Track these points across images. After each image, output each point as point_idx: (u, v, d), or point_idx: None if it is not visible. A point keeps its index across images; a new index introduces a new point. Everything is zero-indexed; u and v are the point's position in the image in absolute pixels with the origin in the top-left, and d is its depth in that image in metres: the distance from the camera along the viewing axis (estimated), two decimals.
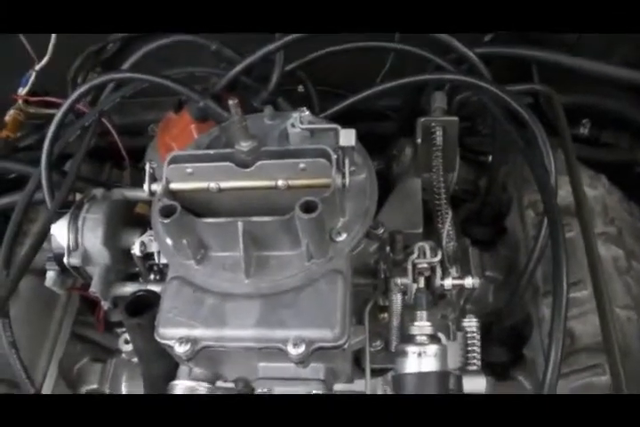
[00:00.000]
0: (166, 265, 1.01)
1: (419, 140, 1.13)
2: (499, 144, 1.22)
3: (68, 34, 1.41)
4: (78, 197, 1.19)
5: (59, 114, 1.16)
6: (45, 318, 1.19)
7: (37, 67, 1.46)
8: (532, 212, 1.17)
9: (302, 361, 0.78)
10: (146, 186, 0.87)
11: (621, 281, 1.06)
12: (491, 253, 1.21)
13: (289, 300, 0.81)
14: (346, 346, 0.79)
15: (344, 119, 1.02)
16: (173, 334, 0.82)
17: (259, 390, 0.85)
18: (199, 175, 0.84)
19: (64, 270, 1.03)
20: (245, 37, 1.28)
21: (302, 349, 0.77)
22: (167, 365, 0.91)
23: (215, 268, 0.85)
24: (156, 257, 0.99)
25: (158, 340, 0.83)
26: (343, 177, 0.82)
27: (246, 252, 0.82)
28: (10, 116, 1.59)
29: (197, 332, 0.81)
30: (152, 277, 1.03)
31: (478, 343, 0.91)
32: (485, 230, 1.25)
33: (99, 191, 1.06)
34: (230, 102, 0.79)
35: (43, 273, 1.17)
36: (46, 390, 1.14)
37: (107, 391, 1.19)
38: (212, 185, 0.84)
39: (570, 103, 1.27)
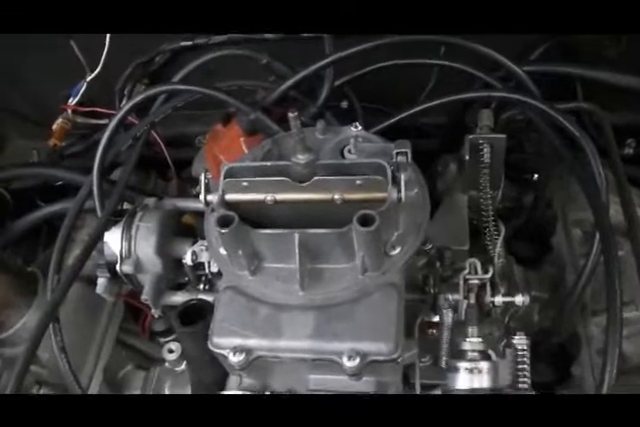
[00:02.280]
0: (215, 275, 1.03)
1: (467, 157, 1.13)
2: (545, 162, 1.23)
3: (118, 45, 1.45)
4: (126, 206, 1.22)
5: (112, 123, 1.18)
6: (92, 324, 1.22)
7: (89, 78, 1.49)
8: (578, 230, 1.16)
9: (356, 374, 0.79)
10: (201, 196, 0.88)
11: None
12: (536, 271, 1.20)
13: (344, 312, 0.82)
14: (400, 360, 0.79)
15: (388, 135, 1.03)
16: (228, 343, 0.83)
17: None
18: (255, 188, 0.86)
19: (114, 278, 1.05)
20: (295, 51, 1.31)
21: (357, 361, 0.77)
22: (217, 374, 0.92)
23: (269, 279, 0.86)
24: (206, 267, 1.00)
25: (212, 349, 0.83)
26: (399, 191, 0.83)
27: (302, 263, 0.83)
28: (57, 125, 1.63)
29: (252, 342, 0.82)
30: (201, 286, 1.04)
31: (528, 361, 0.91)
32: (530, 248, 1.25)
33: (151, 201, 1.08)
34: (290, 115, 0.81)
35: (90, 280, 1.20)
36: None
37: None
38: (268, 198, 0.85)
39: (613, 122, 1.27)
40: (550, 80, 1.26)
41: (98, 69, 1.47)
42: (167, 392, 1.21)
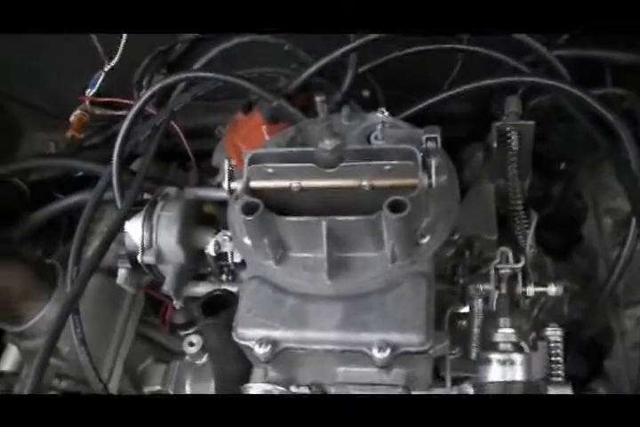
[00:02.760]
0: (238, 265, 1.01)
1: (494, 145, 1.10)
2: (573, 151, 1.20)
3: (136, 35, 1.43)
4: (146, 196, 1.20)
5: (131, 113, 1.16)
6: (111, 316, 1.20)
7: (106, 68, 1.48)
8: (609, 219, 1.14)
9: (387, 366, 0.76)
10: (225, 184, 0.86)
11: None
12: (565, 261, 1.17)
13: (372, 302, 0.80)
14: (431, 351, 0.77)
15: (412, 123, 1.00)
16: (253, 334, 0.80)
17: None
18: (280, 175, 0.83)
19: (135, 268, 1.03)
20: (317, 38, 1.29)
21: (387, 353, 0.75)
22: (241, 366, 0.90)
23: (295, 268, 0.84)
24: (229, 257, 0.98)
25: (236, 340, 0.81)
26: (429, 177, 0.80)
27: (329, 252, 0.80)
28: (75, 116, 1.62)
29: (278, 333, 0.80)
30: (224, 277, 1.02)
31: (562, 353, 0.88)
32: (559, 238, 1.21)
33: (172, 190, 1.06)
34: (317, 99, 0.78)
35: (110, 272, 1.19)
36: (112, 387, 1.14)
37: (170, 392, 1.19)
38: (294, 184, 0.83)
39: None
40: (577, 65, 1.24)
41: (115, 59, 1.46)
42: (188, 386, 1.19)
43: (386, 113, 0.95)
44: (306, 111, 1.11)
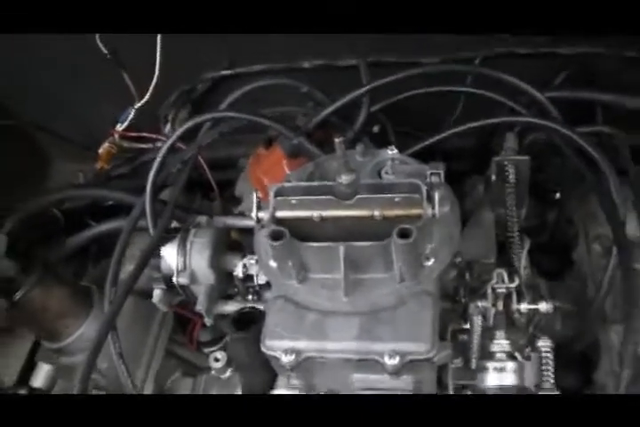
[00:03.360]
0: (262, 286, 1.12)
1: (493, 177, 1.21)
2: (566, 182, 1.31)
3: (164, 75, 1.56)
4: (174, 224, 1.32)
5: (165, 146, 1.28)
6: (144, 334, 1.31)
7: (137, 105, 1.61)
8: (598, 245, 1.24)
9: (396, 372, 0.87)
10: (254, 214, 0.97)
11: None
12: (558, 283, 1.28)
13: (384, 317, 0.91)
14: (435, 359, 0.88)
15: (419, 158, 1.12)
16: (279, 345, 0.91)
17: None
18: (303, 206, 0.95)
19: (169, 289, 1.14)
20: (331, 80, 1.42)
21: (397, 360, 0.86)
22: (266, 376, 1.01)
23: (315, 288, 0.95)
24: (255, 279, 1.10)
25: (264, 351, 0.92)
26: (433, 208, 0.92)
27: (346, 273, 0.92)
28: (104, 149, 1.75)
29: (301, 344, 0.91)
30: (250, 297, 1.13)
31: (552, 362, 0.98)
32: (553, 262, 1.32)
33: (203, 219, 1.18)
34: (336, 140, 0.90)
35: (141, 293, 1.30)
36: None
37: None
38: (315, 214, 0.94)
39: (631, 144, 1.35)
40: (572, 104, 1.36)
41: (146, 98, 1.59)
42: None
43: (395, 150, 1.07)
44: (322, 147, 1.23)
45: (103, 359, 1.17)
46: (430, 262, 0.94)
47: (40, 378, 1.43)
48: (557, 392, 0.95)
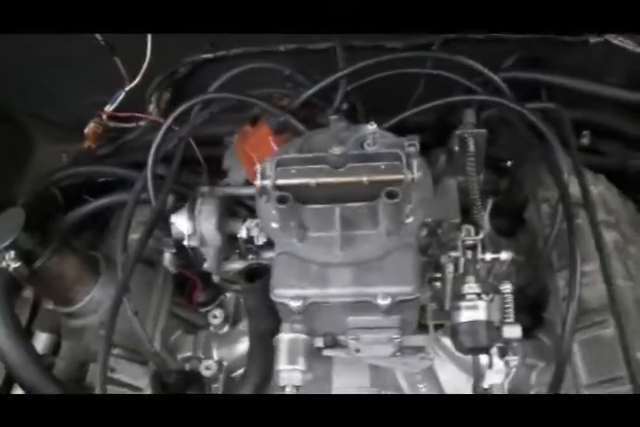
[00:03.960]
0: (262, 246, 1.28)
1: (456, 148, 1.39)
2: (517, 152, 1.50)
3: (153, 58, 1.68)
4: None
5: (164, 127, 1.40)
6: (148, 296, 1.42)
7: (127, 87, 1.72)
8: (545, 206, 1.44)
9: (388, 311, 1.05)
10: (257, 182, 1.12)
11: (619, 258, 1.33)
12: (512, 239, 1.48)
13: (375, 266, 1.08)
14: (420, 299, 1.06)
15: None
16: (287, 293, 1.08)
17: (349, 338, 1.11)
18: (301, 174, 1.11)
19: (178, 252, 1.28)
20: (306, 63, 1.57)
21: (389, 300, 1.04)
22: (273, 322, 1.17)
23: (314, 244, 1.11)
24: (255, 239, 1.25)
25: (274, 299, 1.08)
26: (412, 173, 1.09)
27: (341, 230, 1.08)
28: (90, 129, 1.85)
29: (306, 291, 1.07)
30: (250, 256, 1.28)
31: (512, 302, 1.17)
32: (507, 222, 1.52)
33: (205, 188, 1.32)
34: (331, 117, 1.07)
35: (144, 261, 1.43)
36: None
37: (201, 356, 1.44)
38: (312, 181, 1.10)
39: (573, 118, 1.55)
40: (520, 82, 1.55)
41: (136, 80, 1.71)
42: (215, 351, 1.44)
43: (374, 125, 1.24)
44: (306, 123, 1.39)
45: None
46: (410, 220, 1.12)
47: (40, 346, 1.53)
48: (518, 325, 1.14)
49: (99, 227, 1.67)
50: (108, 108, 1.79)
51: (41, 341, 1.57)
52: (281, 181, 1.11)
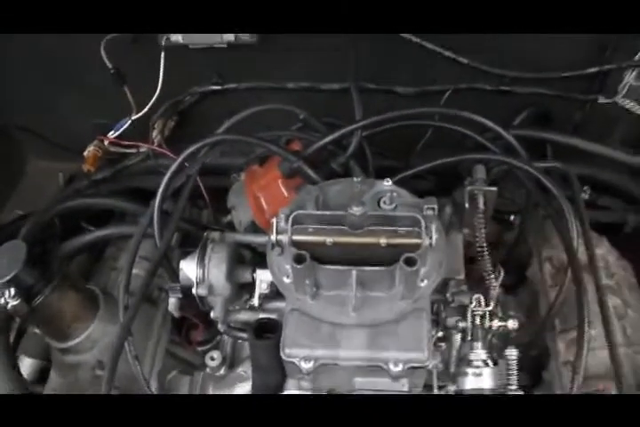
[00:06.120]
0: (267, 296, 1.27)
1: (466, 205, 1.39)
2: (525, 208, 1.51)
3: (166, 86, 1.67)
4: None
5: (173, 166, 1.36)
6: (146, 335, 1.41)
7: (134, 117, 1.71)
8: (549, 265, 1.46)
9: (399, 377, 1.05)
10: (273, 237, 1.12)
11: (619, 324, 1.35)
12: (514, 296, 1.49)
13: (388, 329, 1.08)
14: (431, 366, 1.06)
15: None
16: (298, 353, 1.07)
17: None
18: (318, 233, 1.10)
19: (184, 298, 1.27)
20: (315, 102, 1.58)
21: (400, 367, 1.04)
22: (279, 378, 1.17)
23: (327, 303, 1.11)
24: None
25: (284, 358, 1.07)
26: (430, 238, 1.09)
27: (356, 292, 1.08)
28: (90, 152, 1.84)
29: (318, 352, 1.07)
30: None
31: (516, 368, 1.18)
32: (510, 278, 1.53)
33: (216, 235, 1.30)
34: (355, 180, 1.07)
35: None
36: None
37: None
38: (328, 240, 1.09)
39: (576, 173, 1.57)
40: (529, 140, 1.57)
41: (143, 112, 1.69)
42: (211, 393, 1.43)
43: (390, 182, 1.24)
44: (315, 166, 1.38)
45: None
46: (424, 283, 1.12)
47: (25, 371, 1.51)
48: (521, 392, 1.15)
49: (94, 255, 1.64)
50: (112, 135, 1.76)
51: (26, 366, 1.54)
52: (297, 237, 1.10)
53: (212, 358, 1.43)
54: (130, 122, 1.73)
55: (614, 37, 1.55)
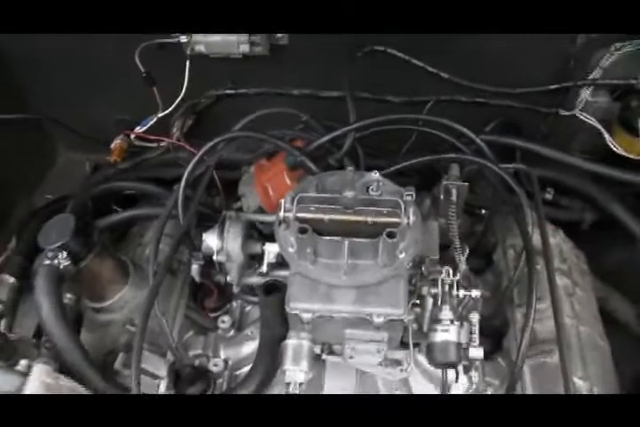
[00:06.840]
0: (274, 265, 1.52)
1: (441, 197, 1.65)
2: (493, 203, 1.77)
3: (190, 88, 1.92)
4: None
5: (195, 158, 1.60)
6: (167, 299, 1.62)
7: (160, 114, 1.97)
8: (512, 251, 1.71)
9: (379, 328, 1.30)
10: (281, 214, 1.37)
11: (568, 301, 1.61)
12: (482, 277, 1.75)
13: (372, 290, 1.33)
14: (406, 320, 1.31)
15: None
16: (300, 306, 1.32)
17: (346, 347, 1.36)
18: (318, 211, 1.36)
19: (205, 265, 1.52)
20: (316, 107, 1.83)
21: (382, 319, 1.29)
22: (283, 331, 1.42)
23: (323, 268, 1.36)
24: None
25: (289, 310, 1.32)
26: (408, 219, 1.35)
27: (347, 259, 1.34)
28: (116, 144, 2.09)
29: (315, 306, 1.32)
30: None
31: (477, 329, 1.43)
32: (479, 262, 1.79)
33: (232, 213, 1.56)
34: (348, 168, 1.33)
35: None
36: None
37: (210, 355, 1.66)
38: (326, 217, 1.35)
39: (539, 176, 1.83)
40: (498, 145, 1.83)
41: (168, 110, 1.95)
42: (222, 351, 1.66)
43: (377, 173, 1.49)
44: (315, 162, 1.64)
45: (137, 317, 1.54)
46: (403, 255, 1.37)
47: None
48: (481, 348, 1.40)
49: (119, 233, 1.88)
50: (138, 130, 2.02)
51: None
52: (301, 215, 1.35)
53: (223, 322, 1.68)
54: (155, 119, 1.97)
55: (575, 56, 1.82)
